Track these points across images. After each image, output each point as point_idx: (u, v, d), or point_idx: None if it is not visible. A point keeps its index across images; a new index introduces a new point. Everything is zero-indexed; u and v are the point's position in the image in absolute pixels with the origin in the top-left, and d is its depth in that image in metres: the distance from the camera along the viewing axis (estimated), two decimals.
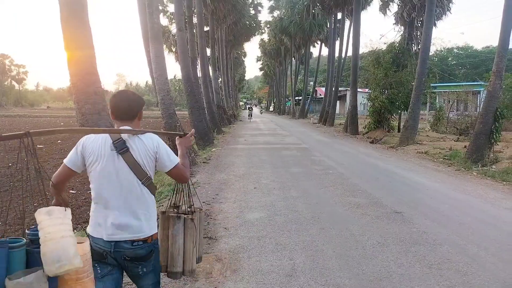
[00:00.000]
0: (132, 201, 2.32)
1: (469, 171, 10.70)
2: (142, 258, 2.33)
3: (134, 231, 2.29)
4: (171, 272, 2.55)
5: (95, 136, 2.38)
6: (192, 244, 2.64)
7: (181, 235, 2.59)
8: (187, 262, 2.58)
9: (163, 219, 2.72)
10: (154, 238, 2.41)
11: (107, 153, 2.30)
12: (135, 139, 2.36)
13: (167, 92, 11.00)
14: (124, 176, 2.30)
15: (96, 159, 2.31)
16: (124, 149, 2.30)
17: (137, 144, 2.35)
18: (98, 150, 2.31)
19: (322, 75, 68.51)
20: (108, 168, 2.30)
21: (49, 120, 42.55)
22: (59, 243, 1.79)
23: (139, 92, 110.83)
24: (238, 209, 6.55)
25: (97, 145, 2.32)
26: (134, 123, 2.43)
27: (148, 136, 2.43)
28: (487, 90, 12.07)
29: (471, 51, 72.67)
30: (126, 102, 2.44)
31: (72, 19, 5.21)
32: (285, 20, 46.57)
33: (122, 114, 2.42)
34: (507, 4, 11.19)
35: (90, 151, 2.32)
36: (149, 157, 2.38)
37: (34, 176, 2.19)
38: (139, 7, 13.94)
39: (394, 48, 20.93)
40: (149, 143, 2.39)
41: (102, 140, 2.33)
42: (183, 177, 2.66)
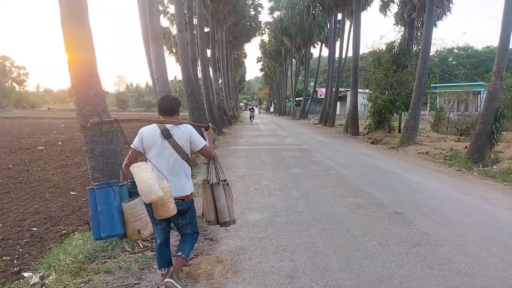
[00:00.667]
0: (177, 170, 3.43)
1: (470, 171, 10.69)
2: (181, 212, 3.40)
3: (177, 190, 3.36)
4: (222, 222, 3.70)
5: (148, 127, 3.54)
6: (231, 201, 3.83)
7: (222, 195, 3.71)
8: (231, 214, 3.74)
9: (203, 187, 3.77)
10: (190, 198, 3.53)
11: (157, 139, 3.44)
12: (175, 128, 3.50)
13: (168, 93, 10.99)
14: (170, 154, 3.42)
15: (151, 144, 3.43)
16: (169, 136, 3.43)
17: (177, 131, 3.48)
18: (152, 137, 3.45)
19: (323, 75, 68.50)
20: (159, 149, 3.41)
21: (50, 122, 42.58)
22: (147, 182, 2.95)
23: (139, 93, 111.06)
24: (239, 210, 6.53)
25: (151, 134, 3.47)
26: (174, 117, 3.58)
27: (184, 126, 3.57)
28: (487, 91, 12.06)
29: (472, 51, 72.66)
30: (170, 103, 3.64)
31: (73, 21, 5.20)
32: (285, 21, 46.58)
33: (167, 111, 3.58)
34: (507, 4, 11.18)
35: (146, 139, 3.46)
36: (186, 140, 3.50)
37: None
38: (139, 8, 13.92)
39: (394, 48, 20.91)
40: (185, 130, 3.53)
41: (153, 130, 3.48)
42: (210, 154, 3.71)
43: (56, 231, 7.33)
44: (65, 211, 8.55)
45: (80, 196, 9.91)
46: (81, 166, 13.81)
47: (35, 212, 8.46)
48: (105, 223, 2.91)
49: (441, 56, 65.57)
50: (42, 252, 6.26)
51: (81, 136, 5.34)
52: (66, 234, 7.03)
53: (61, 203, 9.24)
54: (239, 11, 32.34)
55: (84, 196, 9.79)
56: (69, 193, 10.19)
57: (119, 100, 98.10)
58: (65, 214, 8.34)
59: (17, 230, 7.30)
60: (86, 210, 8.61)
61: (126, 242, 4.76)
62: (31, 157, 15.99)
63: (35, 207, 8.89)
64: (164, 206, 3.10)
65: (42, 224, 7.68)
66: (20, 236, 7.09)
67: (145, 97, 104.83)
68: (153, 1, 10.62)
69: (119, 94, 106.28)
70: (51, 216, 8.16)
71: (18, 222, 7.72)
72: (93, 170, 5.30)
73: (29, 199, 9.58)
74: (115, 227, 2.92)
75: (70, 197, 9.78)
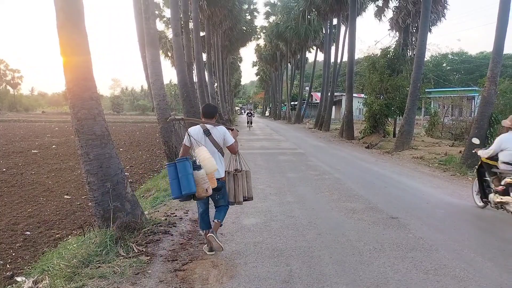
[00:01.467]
0: (215, 158, 4.48)
1: (465, 176, 10.74)
2: (218, 189, 4.59)
3: (218, 172, 4.58)
4: (236, 201, 4.92)
5: (194, 127, 4.76)
6: (251, 182, 5.17)
7: (245, 179, 5.04)
8: (249, 191, 5.05)
9: (229, 176, 4.96)
10: (223, 179, 4.77)
11: (201, 137, 4.61)
12: (214, 128, 4.71)
13: (163, 97, 10.98)
14: (210, 147, 4.55)
15: (198, 140, 4.53)
16: (209, 134, 4.64)
17: (215, 131, 4.69)
18: (197, 135, 4.61)
19: (318, 80, 68.69)
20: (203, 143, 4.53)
21: (44, 125, 42.36)
22: (209, 159, 4.30)
23: (134, 96, 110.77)
24: (234, 215, 6.51)
25: (196, 132, 4.66)
26: (213, 120, 4.82)
27: (220, 127, 4.80)
28: (482, 96, 12.14)
29: (466, 57, 73.17)
30: (211, 110, 4.89)
31: (68, 25, 5.18)
32: (281, 26, 46.76)
33: (208, 115, 4.81)
34: (501, 11, 11.28)
35: (194, 136, 4.57)
36: (220, 138, 4.71)
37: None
38: (135, 12, 13.93)
39: (389, 53, 21.02)
40: (221, 130, 4.75)
41: (198, 130, 4.69)
42: (235, 150, 4.93)
43: (49, 235, 7.29)
44: (59, 215, 8.51)
45: (74, 200, 9.87)
46: (75, 169, 13.75)
47: (29, 216, 8.41)
48: (185, 184, 4.14)
49: (435, 61, 66.09)
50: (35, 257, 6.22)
51: (76, 140, 5.31)
52: (60, 238, 6.99)
53: (55, 207, 9.19)
54: (235, 16, 32.43)
55: (78, 200, 9.75)
56: (63, 197, 10.14)
57: (114, 104, 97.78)
58: (59, 218, 8.30)
59: (10, 234, 7.25)
60: (80, 214, 8.58)
61: (120, 246, 4.74)
62: (25, 160, 15.91)
63: (28, 211, 8.84)
64: (212, 180, 4.37)
65: (35, 228, 7.64)
66: (13, 240, 7.03)
67: (140, 101, 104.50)
68: (149, 5, 10.62)
69: (114, 98, 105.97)
70: (44, 220, 8.11)
71: (11, 226, 7.67)
72: (87, 174, 5.27)
73: (22, 203, 9.52)
74: (192, 186, 4.14)
75: (64, 201, 9.74)
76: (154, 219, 6.02)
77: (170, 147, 10.58)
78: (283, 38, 47.64)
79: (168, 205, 7.32)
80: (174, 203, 7.38)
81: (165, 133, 10.74)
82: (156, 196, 8.35)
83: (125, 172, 5.94)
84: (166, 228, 5.61)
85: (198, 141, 4.53)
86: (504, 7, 11.26)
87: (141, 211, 5.77)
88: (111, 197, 5.26)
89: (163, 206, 7.28)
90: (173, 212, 6.63)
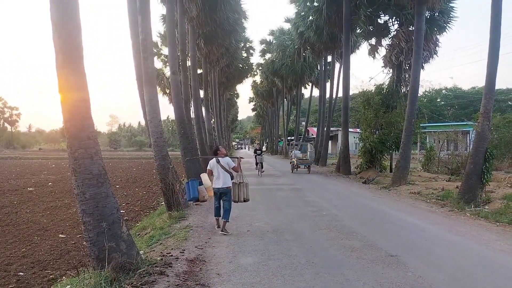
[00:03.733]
0: (224, 178, 8.07)
1: (462, 211, 10.70)
2: (225, 193, 8.04)
3: (225, 184, 8.04)
4: (239, 201, 8.34)
5: (211, 160, 8.30)
6: (248, 190, 8.53)
7: (244, 188, 8.41)
8: (247, 196, 8.44)
9: (234, 186, 8.27)
10: (229, 188, 8.14)
11: (215, 165, 8.20)
12: (222, 159, 8.23)
13: (160, 134, 11.03)
14: (221, 170, 8.10)
15: (213, 166, 8.22)
16: (219, 162, 8.17)
17: (222, 160, 8.20)
18: (213, 163, 8.23)
19: (314, 115, 69.33)
20: (216, 168, 8.15)
21: (41, 162, 42.25)
22: (206, 181, 9.21)
23: (132, 132, 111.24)
24: (231, 254, 6.43)
25: (213, 162, 8.24)
26: (219, 154, 8.38)
27: (225, 158, 8.33)
28: (476, 131, 12.26)
29: (459, 92, 74.40)
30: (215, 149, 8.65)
31: (68, 65, 5.28)
32: (276, 63, 47.68)
33: (215, 153, 8.46)
34: (491, 49, 11.59)
35: (212, 165, 8.25)
36: (226, 164, 8.16)
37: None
38: (133, 51, 14.23)
39: (383, 90, 21.37)
40: (226, 160, 8.27)
41: (213, 161, 8.25)
42: (237, 170, 8.32)
43: (43, 276, 7.15)
44: (53, 255, 8.36)
45: (69, 239, 9.72)
46: (70, 207, 13.62)
47: (23, 256, 8.27)
48: (190, 193, 9.41)
49: (429, 97, 67.17)
50: None
51: (72, 179, 5.30)
52: (54, 279, 6.85)
53: (49, 246, 9.05)
54: (231, 54, 33.10)
55: (73, 239, 9.61)
56: (58, 236, 10.00)
57: (111, 140, 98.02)
58: (53, 258, 8.15)
59: (3, 275, 7.10)
60: (75, 253, 8.44)
61: None
62: (20, 198, 15.77)
63: (22, 250, 8.69)
64: (209, 190, 8.60)
65: (29, 269, 7.49)
66: (6, 281, 6.88)
67: (137, 137, 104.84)
68: (147, 45, 10.85)
69: (111, 134, 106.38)
70: (38, 260, 7.97)
71: (4, 267, 7.52)
72: (83, 214, 5.23)
73: (16, 242, 9.38)
74: (196, 194, 9.33)
75: (58, 240, 9.59)
76: (149, 259, 5.93)
77: (167, 184, 10.53)
78: (279, 75, 48.48)
79: (164, 244, 7.23)
80: (170, 242, 7.30)
81: (162, 170, 10.72)
82: (152, 235, 8.25)
83: (120, 210, 5.90)
84: (161, 269, 5.52)
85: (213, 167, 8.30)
86: (493, 46, 11.56)
87: (137, 251, 5.69)
88: (107, 237, 5.20)
89: (159, 245, 7.18)
90: (169, 252, 6.54)
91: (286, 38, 44.45)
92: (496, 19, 11.48)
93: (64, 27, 5.21)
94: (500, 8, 11.44)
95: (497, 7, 11.43)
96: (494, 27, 11.52)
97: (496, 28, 11.51)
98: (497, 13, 11.45)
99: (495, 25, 11.51)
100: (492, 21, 11.53)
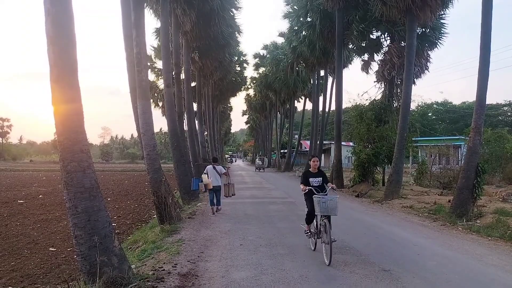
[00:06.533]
0: (218, 178, 13.00)
1: (454, 226, 10.74)
2: (218, 189, 12.92)
3: (218, 183, 12.97)
4: (228, 195, 13.43)
5: (209, 166, 13.26)
6: (234, 189, 13.93)
7: (232, 187, 13.69)
8: (234, 192, 13.85)
9: (225, 186, 13.37)
10: (220, 186, 13.06)
11: (212, 170, 13.01)
12: (216, 166, 13.30)
13: (154, 147, 11.01)
14: (215, 173, 12.95)
15: (210, 171, 12.97)
16: (215, 168, 13.09)
17: (217, 167, 13.20)
18: (210, 169, 13.04)
19: (307, 128, 69.58)
20: (212, 173, 12.92)
21: (31, 174, 41.86)
22: (205, 178, 12.79)
23: (124, 145, 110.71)
24: (224, 268, 6.40)
25: (211, 168, 13.11)
26: (216, 163, 13.73)
27: (219, 166, 13.61)
28: (467, 146, 12.38)
29: (450, 106, 75.22)
30: (215, 158, 14.89)
31: (61, 79, 5.29)
32: (270, 77, 47.98)
33: (214, 161, 14.21)
34: (481, 66, 11.78)
35: (210, 170, 12.99)
36: (220, 169, 13.26)
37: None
38: (127, 64, 14.22)
39: (375, 105, 21.56)
40: (219, 167, 13.46)
41: (210, 167, 13.15)
42: (227, 174, 13.70)
43: None
44: (43, 269, 8.27)
45: (59, 252, 9.61)
46: (61, 220, 13.49)
47: (12, 270, 8.16)
48: (195, 185, 13.87)
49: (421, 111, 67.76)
50: None
51: (64, 193, 5.27)
52: None
53: (39, 259, 8.94)
54: (225, 67, 33.20)
55: (63, 252, 9.51)
56: (48, 249, 9.89)
57: (103, 152, 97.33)
58: (43, 272, 8.06)
59: None
60: (65, 267, 8.34)
61: None
62: (10, 211, 15.59)
63: (11, 264, 8.58)
64: (208, 185, 12.57)
65: (18, 283, 7.39)
66: None
67: (129, 149, 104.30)
68: (141, 59, 10.90)
69: (103, 146, 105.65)
70: (28, 274, 7.86)
71: None
72: (75, 228, 5.19)
73: (6, 256, 9.25)
74: (197, 187, 13.65)
75: (49, 254, 9.49)
76: (141, 273, 5.88)
77: (160, 198, 10.48)
78: (272, 88, 48.76)
79: (156, 258, 7.18)
80: (162, 256, 7.25)
81: (154, 183, 10.68)
82: (144, 249, 8.18)
83: (112, 223, 5.86)
84: (153, 284, 5.48)
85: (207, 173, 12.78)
86: (484, 62, 11.75)
87: (128, 265, 5.64)
88: (98, 251, 5.16)
89: (151, 259, 7.12)
90: (161, 266, 6.48)
91: (279, 52, 44.79)
92: (485, 36, 11.72)
93: (59, 41, 5.24)
94: (490, 27, 11.70)
95: (487, 25, 11.69)
96: (484, 44, 11.74)
97: (486, 45, 11.74)
98: (487, 31, 11.69)
99: (485, 42, 11.73)
100: (482, 38, 11.76)
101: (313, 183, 7.52)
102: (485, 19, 11.70)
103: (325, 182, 7.68)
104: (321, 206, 6.90)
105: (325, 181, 7.69)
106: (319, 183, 7.52)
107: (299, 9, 27.99)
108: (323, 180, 7.69)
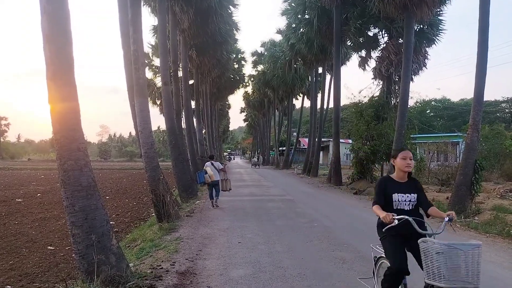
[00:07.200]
0: (215, 174, 13.82)
1: (453, 223, 10.73)
2: (216, 184, 13.86)
3: (216, 178, 13.82)
4: (225, 190, 14.68)
5: (207, 162, 14.35)
6: (230, 183, 15.11)
7: (229, 182, 15.04)
8: (230, 187, 15.01)
9: (222, 181, 14.52)
10: (218, 181, 13.95)
11: (210, 165, 13.98)
12: (215, 162, 14.38)
13: (151, 145, 10.99)
14: (213, 168, 13.90)
15: (209, 167, 13.91)
16: (212, 163, 14.14)
17: (215, 164, 14.26)
18: (209, 165, 14.03)
19: (305, 125, 69.62)
20: (212, 168, 13.89)
21: (29, 173, 41.79)
22: (209, 171, 13.79)
23: (123, 143, 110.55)
24: (222, 266, 6.39)
25: (209, 164, 14.12)
26: (214, 159, 15.08)
27: (217, 162, 14.80)
28: (465, 143, 12.38)
29: (448, 103, 75.24)
30: (213, 156, 16.05)
31: (58, 77, 5.26)
32: (268, 74, 47.90)
33: (212, 158, 15.34)
34: (479, 62, 11.78)
35: (209, 166, 14.00)
36: (218, 165, 14.30)
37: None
38: (125, 62, 14.15)
39: (375, 102, 21.55)
40: (217, 163, 14.61)
41: (209, 163, 14.19)
42: (224, 170, 15.08)
43: None
44: (42, 267, 8.25)
45: (58, 251, 9.59)
46: (60, 219, 13.46)
47: (10, 269, 8.14)
48: (200, 178, 13.89)
49: (419, 108, 67.81)
50: None
51: (62, 191, 5.25)
52: None
53: (38, 258, 8.92)
54: (223, 65, 33.12)
55: (62, 251, 9.49)
56: (47, 248, 9.87)
57: (102, 150, 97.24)
58: (42, 271, 8.04)
59: None
60: (64, 266, 8.33)
61: None
62: (8, 210, 15.56)
63: (10, 263, 8.56)
64: (212, 177, 13.58)
65: (16, 282, 7.37)
66: None
67: (128, 147, 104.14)
68: (138, 56, 10.86)
69: (101, 144, 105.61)
70: (26, 273, 7.84)
71: None
72: (72, 226, 5.17)
73: (4, 255, 9.23)
74: (203, 179, 13.72)
75: (47, 252, 9.47)
76: (139, 272, 5.87)
77: (158, 196, 10.46)
78: (271, 86, 48.69)
79: (154, 256, 7.17)
80: (160, 254, 7.25)
81: (152, 182, 10.66)
82: (142, 247, 8.18)
83: (110, 222, 5.85)
84: (151, 282, 5.47)
85: (209, 167, 13.85)
86: (482, 59, 11.75)
87: (126, 264, 5.63)
88: (96, 250, 5.14)
89: (149, 258, 7.11)
90: (159, 264, 6.47)
91: (277, 49, 44.70)
92: (483, 33, 11.70)
93: (55, 39, 5.20)
94: (487, 23, 11.68)
95: (485, 22, 11.67)
96: (482, 41, 11.72)
97: (483, 42, 11.71)
98: (484, 28, 11.67)
99: (483, 39, 11.71)
100: (480, 35, 11.75)
101: (401, 204, 4.01)
102: (482, 16, 11.68)
103: (424, 203, 4.04)
104: (448, 264, 3.25)
105: (424, 202, 4.04)
106: (412, 205, 4.03)
107: (297, 6, 27.92)
108: (419, 199, 4.04)
